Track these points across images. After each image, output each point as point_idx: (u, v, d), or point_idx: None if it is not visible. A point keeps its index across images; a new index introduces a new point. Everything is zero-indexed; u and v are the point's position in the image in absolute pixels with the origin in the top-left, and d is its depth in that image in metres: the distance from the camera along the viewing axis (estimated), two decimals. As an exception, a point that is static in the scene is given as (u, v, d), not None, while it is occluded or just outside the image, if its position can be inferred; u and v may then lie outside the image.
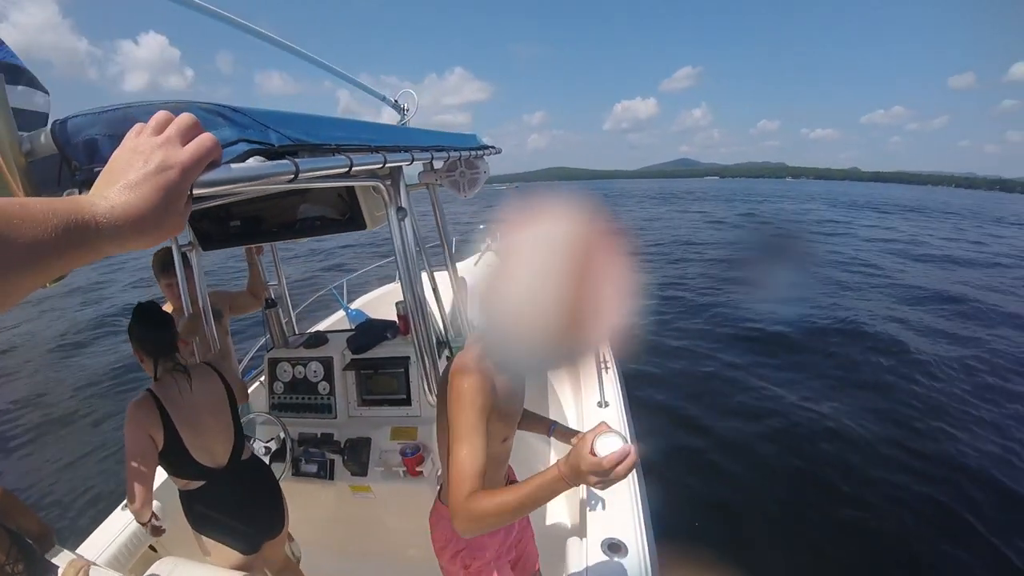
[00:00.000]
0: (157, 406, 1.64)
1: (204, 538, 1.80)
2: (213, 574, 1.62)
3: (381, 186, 1.52)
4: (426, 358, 1.67)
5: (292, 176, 0.82)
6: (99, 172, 0.48)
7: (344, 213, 1.83)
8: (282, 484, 2.07)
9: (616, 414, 2.45)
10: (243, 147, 0.75)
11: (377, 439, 2.15)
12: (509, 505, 1.14)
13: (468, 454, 1.23)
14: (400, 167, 1.50)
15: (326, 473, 2.14)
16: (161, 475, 1.75)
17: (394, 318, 2.49)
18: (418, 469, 2.02)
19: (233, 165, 0.72)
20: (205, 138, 0.51)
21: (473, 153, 2.16)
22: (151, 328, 1.69)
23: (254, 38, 1.52)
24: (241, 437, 1.85)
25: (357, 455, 2.11)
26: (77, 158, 0.65)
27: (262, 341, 2.95)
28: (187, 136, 0.50)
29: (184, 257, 2.29)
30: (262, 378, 2.46)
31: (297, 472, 2.14)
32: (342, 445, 2.14)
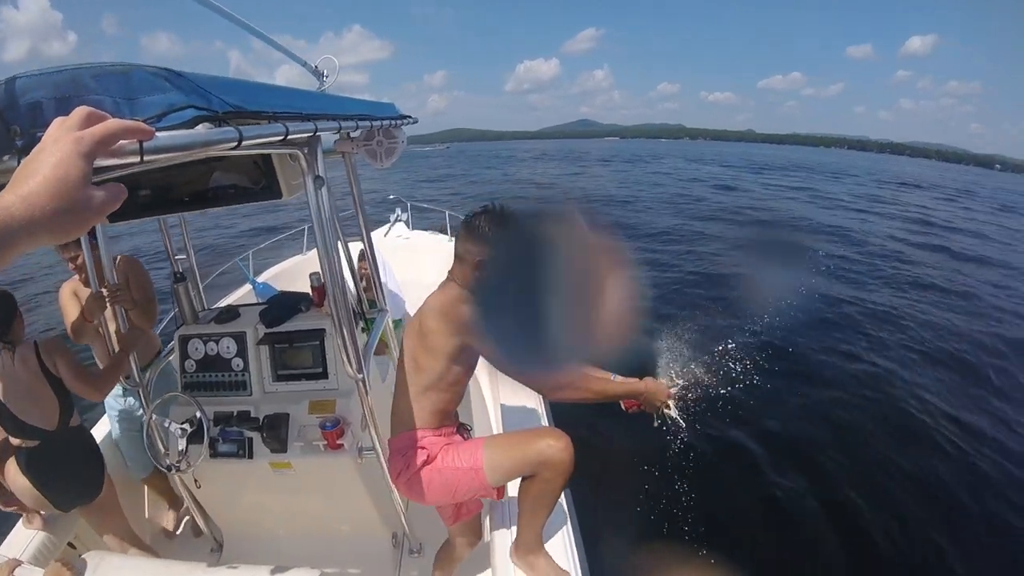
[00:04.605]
0: None
1: (32, 490, 2.03)
2: (137, 565, 1.57)
3: (299, 154, 1.48)
4: (343, 330, 1.66)
5: (236, 143, 0.81)
6: (41, 137, 0.47)
7: (259, 182, 1.75)
8: (202, 466, 2.01)
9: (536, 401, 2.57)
10: (191, 113, 0.74)
11: (295, 414, 2.12)
12: (591, 391, 1.63)
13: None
14: (319, 135, 1.47)
15: (245, 452, 2.08)
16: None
17: (304, 290, 2.43)
18: (339, 442, 2.02)
19: (181, 132, 0.71)
20: (107, 124, 0.50)
21: (392, 122, 2.13)
22: None
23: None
24: (69, 405, 2.06)
25: (276, 431, 2.07)
26: (19, 122, 0.61)
27: (170, 316, 2.77)
28: (86, 125, 0.49)
29: (90, 232, 2.10)
30: (171, 357, 2.33)
31: (215, 453, 2.06)
32: (260, 422, 2.08)
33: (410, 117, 2.31)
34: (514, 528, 1.83)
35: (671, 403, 1.77)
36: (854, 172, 46.13)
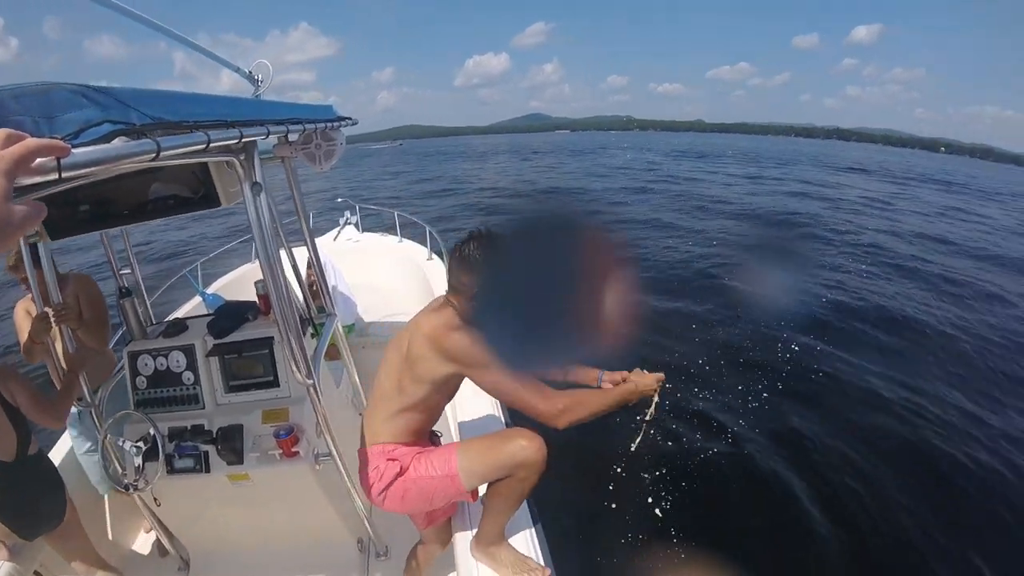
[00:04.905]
0: None
1: None
2: None
3: (235, 161, 1.47)
4: (290, 337, 1.67)
5: (154, 155, 0.82)
6: None
7: (197, 191, 1.74)
8: (160, 483, 1.99)
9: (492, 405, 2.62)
10: (107, 128, 0.76)
11: (249, 424, 2.10)
12: (592, 405, 1.60)
13: (517, 383, 1.54)
14: (255, 141, 1.46)
15: (202, 466, 2.06)
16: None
17: (254, 299, 2.41)
18: (294, 450, 2.02)
19: (97, 147, 0.73)
20: (25, 143, 0.51)
21: (329, 125, 2.13)
22: None
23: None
24: (26, 433, 1.99)
25: (231, 443, 2.06)
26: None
27: (119, 334, 2.71)
28: (5, 146, 0.50)
29: (33, 250, 2.07)
30: (122, 374, 2.29)
31: (172, 469, 2.03)
32: (214, 435, 2.06)
33: (349, 119, 2.30)
34: (473, 522, 1.88)
35: (657, 389, 1.77)
36: (801, 159, 47.76)
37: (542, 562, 1.83)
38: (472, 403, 2.51)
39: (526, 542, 1.89)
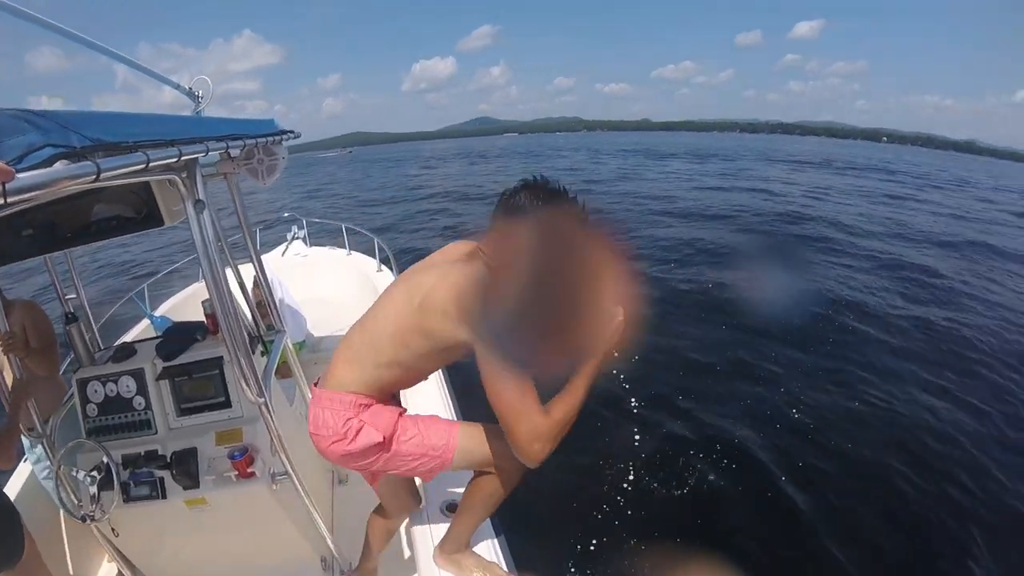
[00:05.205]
0: None
1: None
2: None
3: (177, 179, 1.46)
4: (239, 356, 1.66)
5: (95, 177, 0.84)
6: None
7: (141, 210, 1.73)
8: (117, 512, 1.93)
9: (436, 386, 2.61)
10: (49, 151, 0.77)
11: (203, 447, 2.06)
12: (573, 411, 1.39)
13: (511, 382, 1.35)
14: (196, 159, 1.47)
15: (158, 492, 2.01)
16: None
17: (202, 318, 2.37)
18: (249, 471, 2.00)
19: (40, 171, 0.74)
20: None
21: (271, 139, 2.12)
22: None
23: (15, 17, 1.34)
24: None
25: (185, 467, 2.01)
26: None
27: (67, 361, 2.62)
28: None
29: None
30: (72, 402, 2.21)
31: (128, 497, 1.97)
32: (168, 460, 2.01)
33: (291, 132, 2.30)
34: (434, 531, 1.89)
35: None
36: (745, 153, 49.65)
37: (506, 568, 1.85)
38: (420, 391, 2.44)
39: (490, 552, 1.91)
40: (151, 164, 1.04)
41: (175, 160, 1.23)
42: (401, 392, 1.90)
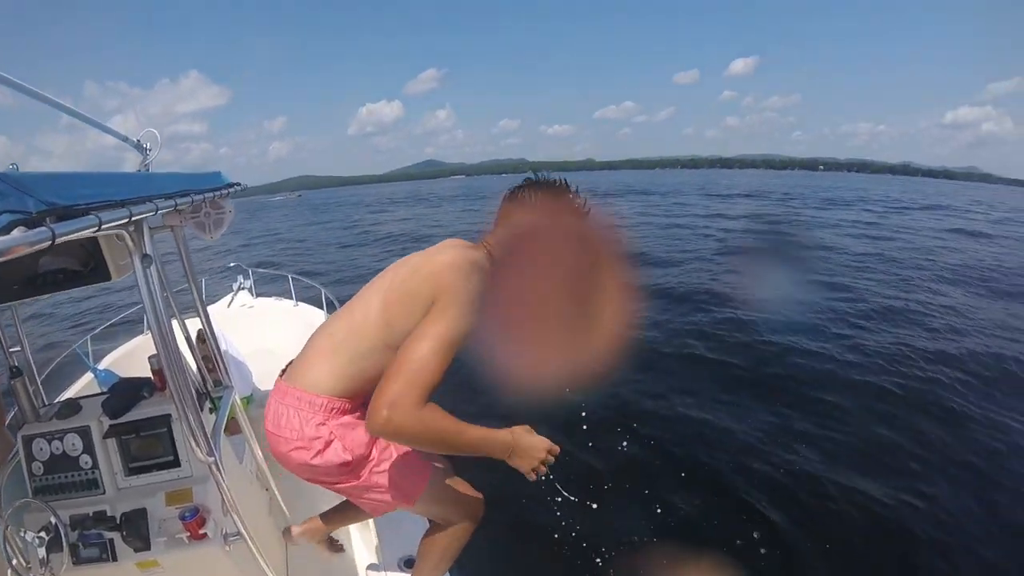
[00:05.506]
0: None
1: None
2: None
3: (125, 234, 1.49)
4: (188, 413, 1.65)
5: (50, 242, 0.88)
6: None
7: (87, 264, 1.72)
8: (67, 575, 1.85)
9: None
10: (7, 218, 0.82)
11: (153, 508, 2.00)
12: (448, 433, 1.18)
13: (442, 360, 1.20)
14: (144, 217, 1.50)
15: (108, 555, 1.93)
16: None
17: (148, 374, 2.32)
18: (201, 532, 1.95)
19: None
20: None
21: (217, 193, 2.15)
22: None
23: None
24: None
25: (136, 529, 1.94)
26: None
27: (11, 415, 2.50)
28: None
29: None
30: (17, 460, 2.12)
31: (78, 559, 1.90)
32: (118, 521, 1.95)
33: (238, 184, 2.33)
34: None
35: (543, 460, 1.36)
36: (685, 189, 51.60)
37: None
38: None
39: None
40: (103, 227, 1.08)
41: (125, 221, 1.27)
42: None
